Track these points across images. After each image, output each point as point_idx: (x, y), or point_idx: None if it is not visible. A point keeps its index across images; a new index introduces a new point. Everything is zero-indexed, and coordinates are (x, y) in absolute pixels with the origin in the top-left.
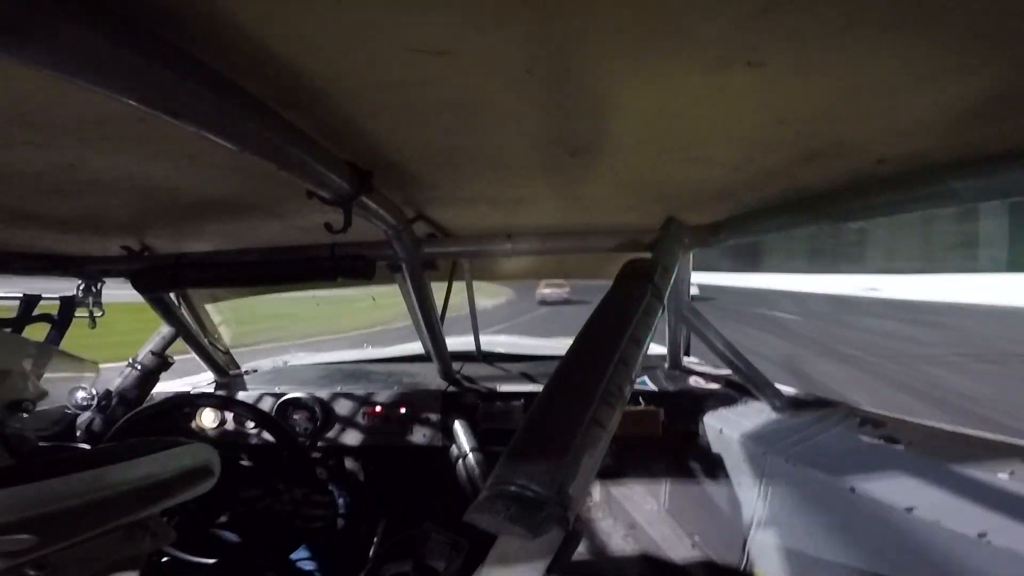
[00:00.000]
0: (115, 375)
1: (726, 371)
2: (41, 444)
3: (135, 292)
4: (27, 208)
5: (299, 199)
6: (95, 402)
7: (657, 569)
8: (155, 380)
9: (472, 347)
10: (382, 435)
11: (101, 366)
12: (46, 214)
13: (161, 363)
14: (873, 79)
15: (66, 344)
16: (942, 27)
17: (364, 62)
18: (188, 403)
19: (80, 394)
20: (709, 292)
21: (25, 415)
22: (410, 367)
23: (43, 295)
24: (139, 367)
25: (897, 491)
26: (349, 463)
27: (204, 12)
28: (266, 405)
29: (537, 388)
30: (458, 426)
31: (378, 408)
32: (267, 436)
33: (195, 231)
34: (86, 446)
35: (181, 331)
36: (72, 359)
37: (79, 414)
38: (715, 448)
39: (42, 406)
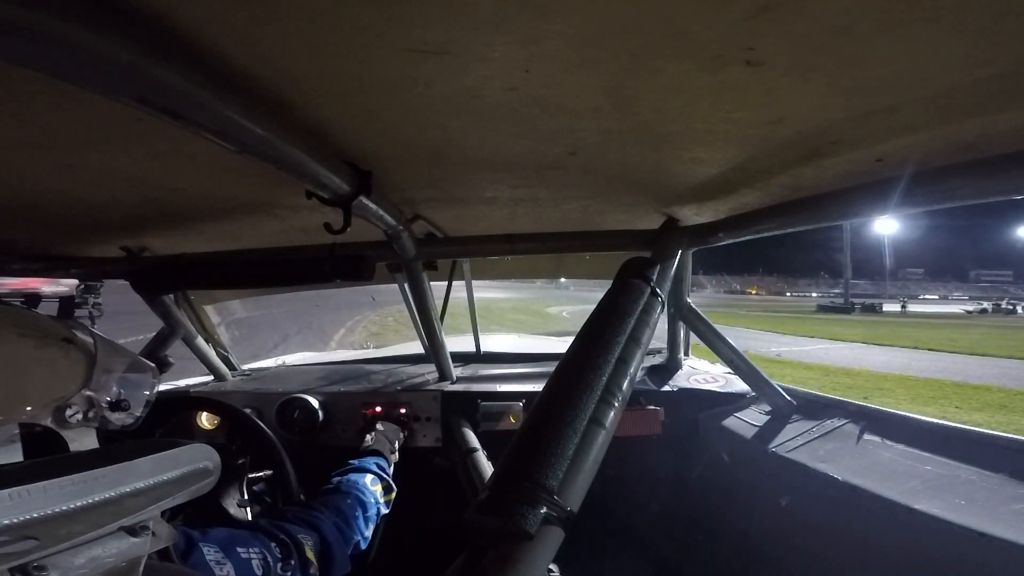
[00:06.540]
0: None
1: (726, 370)
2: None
3: None
4: (27, 208)
5: (298, 199)
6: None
7: (657, 569)
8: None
9: (472, 347)
10: None
11: None
12: (46, 214)
13: (159, 364)
14: (873, 79)
15: None
16: (941, 27)
17: (363, 63)
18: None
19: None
20: None
21: (125, 414)
22: (410, 367)
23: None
24: None
25: (897, 490)
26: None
27: (203, 12)
28: (266, 405)
29: (537, 388)
30: (458, 426)
31: (378, 408)
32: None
33: (195, 231)
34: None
35: (180, 332)
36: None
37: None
38: (715, 447)
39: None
